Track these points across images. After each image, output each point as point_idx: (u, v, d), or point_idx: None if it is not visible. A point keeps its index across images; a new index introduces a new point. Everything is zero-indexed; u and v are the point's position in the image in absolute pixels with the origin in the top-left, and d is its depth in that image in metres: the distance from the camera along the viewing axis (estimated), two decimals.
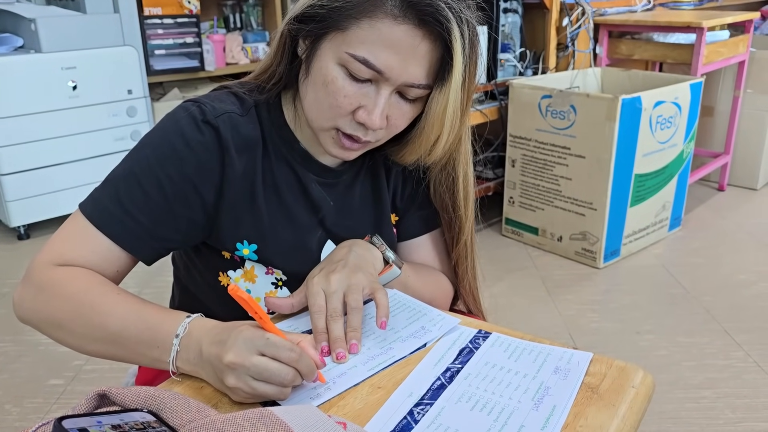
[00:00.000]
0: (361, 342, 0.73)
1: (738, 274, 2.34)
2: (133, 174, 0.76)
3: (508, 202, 2.66)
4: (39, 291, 0.73)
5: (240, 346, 0.62)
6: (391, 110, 0.75)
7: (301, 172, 0.83)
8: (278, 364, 0.61)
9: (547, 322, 2.04)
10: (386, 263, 0.84)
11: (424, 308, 0.83)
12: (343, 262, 0.78)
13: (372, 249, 0.83)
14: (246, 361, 0.61)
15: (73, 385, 1.73)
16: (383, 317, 0.74)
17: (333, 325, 0.73)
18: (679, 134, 2.48)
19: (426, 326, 0.79)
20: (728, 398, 1.65)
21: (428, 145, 0.79)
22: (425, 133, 0.77)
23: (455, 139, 0.81)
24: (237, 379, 0.62)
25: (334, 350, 0.71)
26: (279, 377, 0.61)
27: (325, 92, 0.73)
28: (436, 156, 0.81)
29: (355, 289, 0.74)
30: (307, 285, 0.77)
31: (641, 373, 0.69)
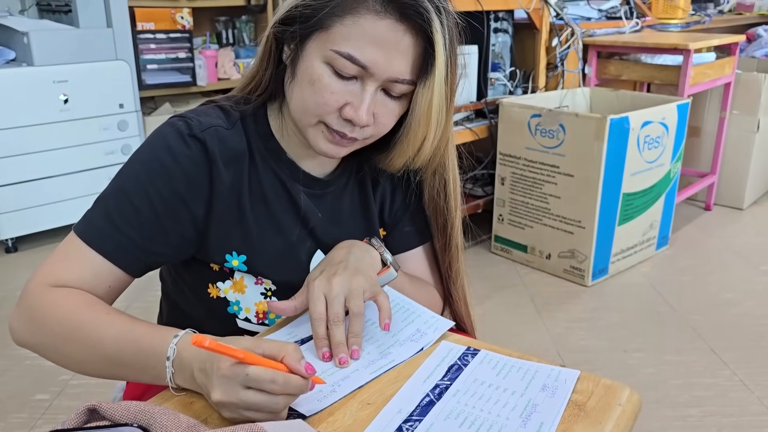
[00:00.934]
0: (361, 347, 0.75)
1: (725, 293, 2.36)
2: (123, 191, 0.77)
3: (498, 219, 2.68)
4: (32, 315, 0.73)
5: (223, 384, 0.61)
6: (378, 108, 0.76)
7: (288, 183, 0.84)
8: (266, 396, 0.61)
9: (536, 339, 2.05)
10: (384, 265, 0.85)
11: (418, 308, 0.84)
12: (344, 265, 0.78)
13: (370, 250, 0.84)
14: (234, 398, 0.61)
15: (59, 400, 1.71)
16: (386, 319, 0.75)
17: (335, 330, 0.73)
18: (667, 154, 2.52)
19: (421, 329, 0.80)
20: (714, 416, 1.66)
21: (416, 145, 0.80)
22: (412, 130, 0.78)
23: (443, 137, 0.82)
24: (231, 412, 0.62)
25: (336, 355, 0.72)
26: (269, 407, 0.62)
27: (311, 90, 0.74)
28: (425, 156, 0.82)
29: (356, 294, 0.75)
30: (308, 288, 0.77)
31: (628, 391, 0.70)
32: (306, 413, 0.65)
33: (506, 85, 2.72)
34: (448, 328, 0.81)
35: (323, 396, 0.68)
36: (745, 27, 3.96)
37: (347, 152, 0.81)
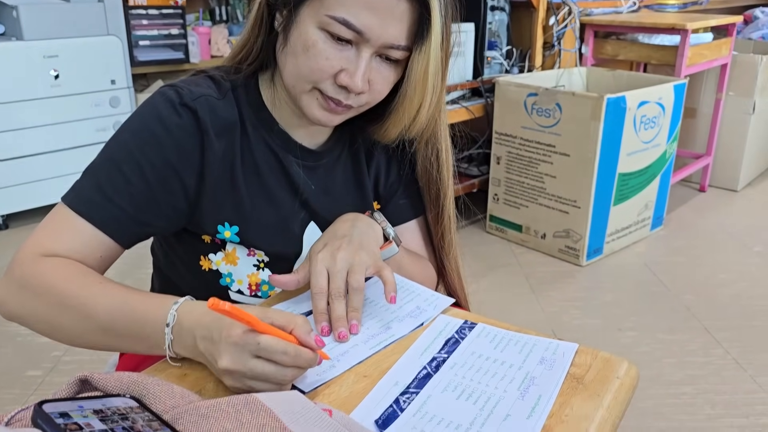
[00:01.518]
0: (361, 322, 0.74)
1: (718, 274, 2.37)
2: (113, 161, 0.75)
3: (493, 199, 2.67)
4: (21, 286, 0.71)
5: (232, 351, 0.60)
6: (373, 75, 0.75)
7: (281, 154, 0.82)
8: (275, 367, 0.60)
9: (530, 318, 2.05)
10: (386, 240, 0.84)
11: (418, 288, 0.83)
12: (348, 239, 0.77)
13: (374, 225, 0.82)
14: (242, 367, 0.60)
15: (51, 376, 1.70)
16: (392, 292, 0.74)
17: (335, 304, 0.72)
18: (663, 134, 2.51)
19: (421, 306, 0.80)
20: (708, 394, 1.67)
21: (412, 113, 0.79)
22: (408, 98, 0.77)
23: (437, 104, 0.80)
24: (235, 380, 0.61)
25: (336, 329, 0.71)
26: (277, 379, 0.60)
27: (305, 56, 0.73)
28: (421, 124, 0.80)
29: (358, 269, 0.74)
30: (310, 261, 0.76)
31: (626, 365, 0.69)
32: (305, 388, 0.64)
33: (502, 64, 2.70)
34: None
35: (322, 371, 0.67)
36: (743, 8, 3.94)
37: (341, 120, 0.79)
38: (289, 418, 0.55)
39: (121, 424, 0.52)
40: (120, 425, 0.52)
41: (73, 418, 0.51)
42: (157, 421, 0.54)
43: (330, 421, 0.56)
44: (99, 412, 0.53)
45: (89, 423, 0.51)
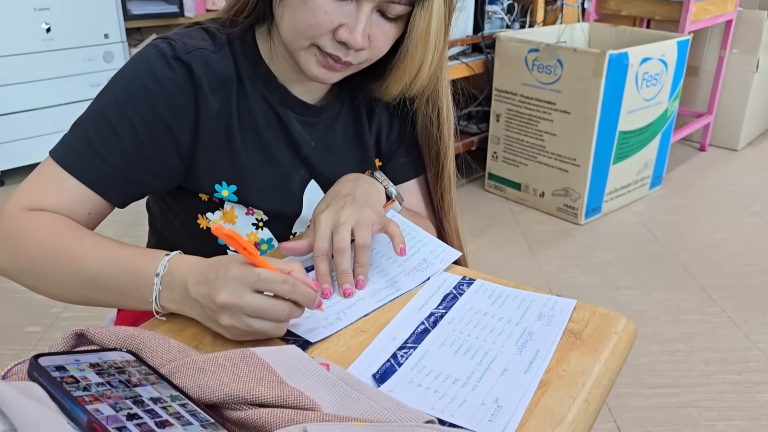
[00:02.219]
0: (367, 278, 0.73)
1: (716, 233, 2.37)
2: (103, 114, 0.73)
3: (492, 157, 2.65)
4: (9, 239, 0.70)
5: (232, 285, 0.59)
6: (373, 30, 0.72)
7: (280, 109, 0.80)
8: (274, 300, 0.60)
9: (528, 276, 2.06)
10: (388, 199, 0.83)
11: (425, 237, 0.82)
12: (351, 197, 0.75)
13: (376, 184, 0.81)
14: (240, 301, 0.59)
15: (50, 332, 1.71)
16: (400, 244, 0.73)
17: (340, 258, 0.71)
18: (665, 92, 2.48)
19: (428, 258, 0.79)
20: (702, 352, 1.69)
21: (413, 71, 0.77)
22: (410, 55, 0.75)
23: (439, 62, 0.78)
24: (232, 318, 0.60)
25: (341, 285, 0.71)
26: (275, 313, 0.60)
27: (303, 10, 0.70)
28: (422, 82, 0.79)
29: (364, 226, 0.73)
30: (314, 223, 0.75)
31: (624, 320, 0.69)
32: (311, 339, 0.64)
33: (503, 19, 2.64)
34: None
35: (328, 323, 0.67)
36: None
37: (340, 77, 0.77)
38: (285, 371, 0.55)
39: (117, 378, 0.52)
40: (116, 379, 0.52)
41: (70, 371, 0.51)
42: (154, 375, 0.54)
43: (327, 375, 0.56)
44: (95, 365, 0.53)
45: (86, 376, 0.51)
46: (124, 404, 0.49)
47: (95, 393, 0.49)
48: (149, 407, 0.49)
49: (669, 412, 1.48)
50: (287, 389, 0.53)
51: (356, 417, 0.51)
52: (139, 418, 0.47)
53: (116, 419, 0.46)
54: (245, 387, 0.52)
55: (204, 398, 0.53)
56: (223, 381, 0.53)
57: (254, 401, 0.52)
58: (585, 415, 0.56)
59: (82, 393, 0.48)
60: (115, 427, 0.45)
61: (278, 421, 0.50)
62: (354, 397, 0.54)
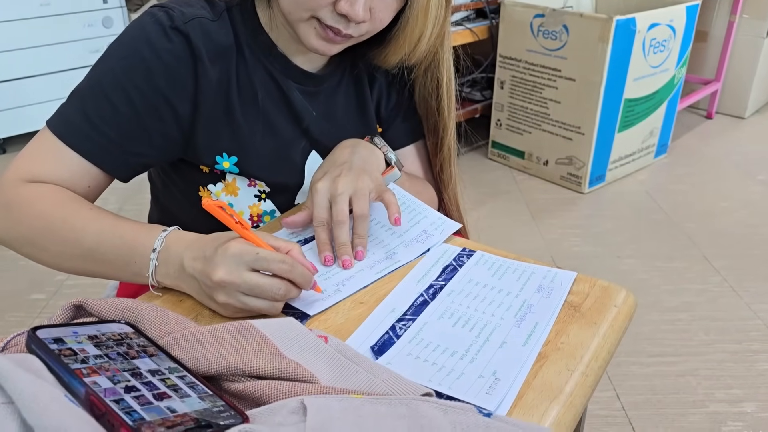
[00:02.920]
0: (366, 248, 0.73)
1: (720, 202, 2.35)
2: (100, 86, 0.71)
3: (496, 124, 2.62)
4: (8, 209, 0.70)
5: (229, 263, 0.59)
6: (375, 2, 0.71)
7: (280, 79, 0.79)
8: (270, 279, 0.60)
9: (530, 245, 2.05)
10: (387, 165, 0.82)
11: (425, 209, 0.82)
12: (348, 165, 0.75)
13: (374, 150, 0.80)
14: (237, 279, 0.59)
15: (55, 299, 1.73)
16: (395, 214, 0.72)
17: (338, 230, 0.71)
18: (672, 59, 2.44)
19: (428, 230, 0.79)
20: (703, 321, 1.69)
21: (413, 41, 0.75)
22: (410, 26, 0.74)
23: (439, 33, 0.77)
24: (228, 295, 0.60)
25: (340, 256, 0.70)
26: (271, 292, 0.60)
27: None
28: (420, 53, 0.78)
29: (361, 195, 0.72)
30: (311, 192, 0.74)
31: (624, 293, 0.69)
32: (309, 312, 0.64)
33: None
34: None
35: (327, 296, 0.67)
36: None
37: (340, 49, 0.76)
38: (284, 344, 0.55)
39: (115, 350, 0.52)
40: (115, 351, 0.52)
41: (68, 343, 0.51)
42: (153, 347, 0.54)
43: (325, 348, 0.56)
44: (93, 338, 0.53)
45: (84, 348, 0.51)
46: (122, 376, 0.49)
47: (93, 365, 0.49)
48: (147, 379, 0.50)
49: (668, 381, 1.49)
50: (285, 362, 0.53)
51: (353, 390, 0.51)
52: (137, 390, 0.48)
53: (114, 392, 0.46)
54: (243, 359, 0.52)
55: (202, 370, 0.53)
56: (221, 353, 0.53)
57: (252, 373, 0.52)
58: (583, 388, 0.56)
59: (80, 365, 0.48)
60: (112, 399, 0.45)
61: (276, 394, 0.51)
62: (352, 370, 0.54)
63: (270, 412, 0.48)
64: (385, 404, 0.49)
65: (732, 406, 1.42)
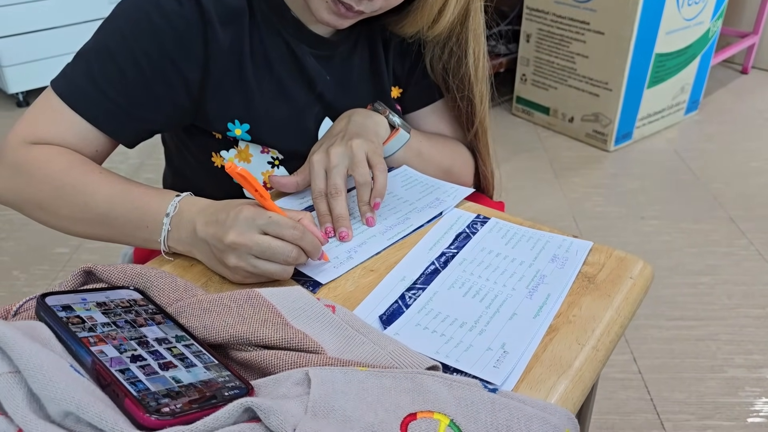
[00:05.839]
0: (375, 215, 0.72)
1: (751, 162, 2.29)
2: (107, 49, 0.70)
3: (521, 79, 2.56)
4: (16, 171, 0.69)
5: (241, 226, 0.59)
6: None
7: (294, 44, 0.77)
8: (282, 242, 0.60)
9: (552, 204, 2.02)
10: (392, 128, 0.80)
11: (438, 183, 0.81)
12: (342, 134, 0.74)
13: (373, 115, 0.79)
14: (249, 241, 0.59)
15: (78, 253, 1.76)
16: (377, 197, 0.72)
17: (334, 202, 0.70)
18: (707, 11, 2.33)
19: (440, 197, 0.78)
20: (726, 285, 1.67)
21: (431, 17, 0.73)
22: (428, 4, 0.71)
23: (461, 11, 0.74)
24: (239, 258, 0.60)
25: (338, 229, 0.70)
26: (283, 255, 0.60)
27: None
28: (440, 29, 0.75)
29: (359, 162, 0.71)
30: (308, 163, 0.74)
31: (641, 264, 0.67)
32: (321, 280, 0.64)
33: None
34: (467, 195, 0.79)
35: (339, 263, 0.66)
36: None
37: (352, 23, 0.73)
38: (290, 313, 0.55)
39: (123, 317, 0.53)
40: (123, 318, 0.52)
41: (76, 311, 0.51)
42: (161, 314, 0.55)
43: (332, 318, 0.55)
44: (102, 304, 0.54)
45: (92, 316, 0.51)
46: (129, 345, 0.49)
47: (100, 334, 0.49)
48: (153, 348, 0.50)
49: (687, 345, 1.48)
50: (292, 331, 0.53)
51: (359, 361, 0.51)
52: (143, 359, 0.48)
53: (120, 361, 0.47)
54: (250, 329, 0.52)
55: (209, 339, 0.53)
56: (228, 322, 0.53)
57: (258, 343, 0.52)
58: (593, 363, 0.55)
59: (88, 334, 0.49)
60: (118, 369, 0.46)
61: (282, 364, 0.51)
62: (358, 341, 0.54)
63: (275, 383, 0.48)
64: (389, 377, 0.48)
65: (751, 371, 1.40)
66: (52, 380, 0.41)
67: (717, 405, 1.32)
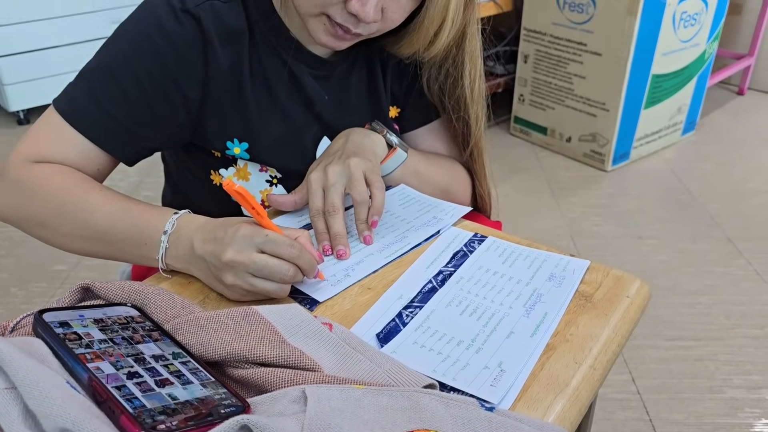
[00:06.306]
0: (372, 233, 0.73)
1: (748, 182, 2.30)
2: (109, 69, 0.71)
3: (518, 99, 2.58)
4: (18, 189, 0.70)
5: (239, 244, 0.60)
6: (387, 2, 0.68)
7: (292, 64, 0.77)
8: (279, 261, 0.60)
9: (550, 224, 2.03)
10: (390, 147, 0.81)
11: (435, 201, 0.82)
12: (340, 152, 0.74)
13: (371, 134, 0.79)
14: (246, 259, 0.59)
15: (76, 271, 1.75)
16: (375, 216, 0.72)
17: (331, 220, 0.71)
18: (703, 33, 2.36)
19: (438, 216, 0.78)
20: (724, 305, 1.67)
21: (426, 40, 0.74)
22: (424, 27, 0.72)
23: (457, 34, 0.75)
24: (236, 276, 0.60)
25: (335, 247, 0.70)
26: (280, 273, 0.60)
27: None
28: (436, 51, 0.76)
29: (356, 180, 0.71)
30: (306, 182, 0.75)
31: (638, 283, 0.67)
32: (319, 298, 0.64)
33: None
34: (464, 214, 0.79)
35: (336, 281, 0.66)
36: None
37: (349, 45, 0.74)
38: (287, 331, 0.55)
39: (120, 334, 0.53)
40: (119, 335, 0.52)
41: (73, 327, 0.52)
42: (158, 331, 0.55)
43: (329, 335, 0.55)
44: (99, 321, 0.54)
45: (89, 333, 0.51)
46: (126, 362, 0.49)
47: (97, 350, 0.49)
48: (150, 365, 0.50)
49: (685, 365, 1.47)
50: (288, 349, 0.53)
51: (356, 379, 0.51)
52: (140, 376, 0.48)
53: (116, 378, 0.47)
54: (247, 346, 0.52)
55: (206, 356, 0.53)
56: (224, 339, 0.53)
57: (255, 360, 0.52)
58: (590, 382, 0.55)
59: (85, 350, 0.49)
60: (114, 386, 0.46)
61: (278, 381, 0.51)
62: (355, 359, 0.54)
63: (271, 401, 0.48)
64: (386, 396, 0.48)
65: (750, 392, 1.40)
66: (48, 396, 0.41)
67: (716, 426, 1.31)
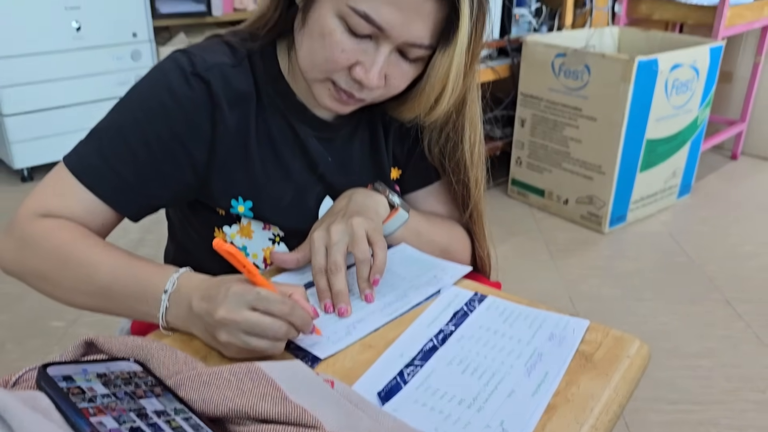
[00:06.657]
0: (374, 292, 0.73)
1: (744, 245, 2.32)
2: (119, 129, 0.73)
3: (516, 162, 2.63)
4: (23, 243, 0.71)
5: (231, 302, 0.60)
6: (390, 69, 0.71)
7: (297, 126, 0.80)
8: (271, 319, 0.60)
9: (548, 285, 2.03)
10: (392, 208, 0.82)
11: (436, 261, 0.82)
12: (343, 212, 0.76)
13: (373, 195, 0.81)
14: (237, 317, 0.59)
15: (74, 328, 1.74)
16: (377, 274, 0.73)
17: (333, 279, 0.71)
18: (695, 100, 2.43)
19: (438, 275, 0.79)
20: (725, 368, 1.65)
21: (427, 106, 0.76)
22: (425, 93, 0.74)
23: (457, 100, 0.78)
24: (229, 334, 0.60)
25: (337, 305, 0.70)
26: (272, 331, 0.60)
27: (321, 44, 0.70)
28: (437, 116, 0.78)
29: (359, 239, 0.72)
30: (309, 240, 0.76)
31: (637, 344, 0.67)
32: (320, 355, 0.64)
33: (531, 23, 2.62)
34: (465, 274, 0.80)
35: (338, 338, 0.66)
36: None
37: (353, 109, 0.77)
38: (290, 387, 0.55)
39: (123, 389, 0.53)
40: (122, 390, 0.53)
41: (77, 381, 0.52)
42: (160, 387, 0.55)
43: (331, 393, 0.55)
44: (102, 376, 0.54)
45: (92, 387, 0.52)
46: (128, 417, 0.49)
47: (100, 405, 0.49)
48: (152, 420, 0.50)
49: (687, 429, 1.45)
50: (290, 406, 0.53)
51: None
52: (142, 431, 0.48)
53: None
54: (249, 403, 0.52)
55: (208, 412, 0.53)
56: (227, 396, 0.53)
57: (257, 417, 0.52)
58: None
59: (87, 405, 0.49)
60: None
61: None
62: (357, 416, 0.54)
63: None
64: None
65: None
66: None
67: None
